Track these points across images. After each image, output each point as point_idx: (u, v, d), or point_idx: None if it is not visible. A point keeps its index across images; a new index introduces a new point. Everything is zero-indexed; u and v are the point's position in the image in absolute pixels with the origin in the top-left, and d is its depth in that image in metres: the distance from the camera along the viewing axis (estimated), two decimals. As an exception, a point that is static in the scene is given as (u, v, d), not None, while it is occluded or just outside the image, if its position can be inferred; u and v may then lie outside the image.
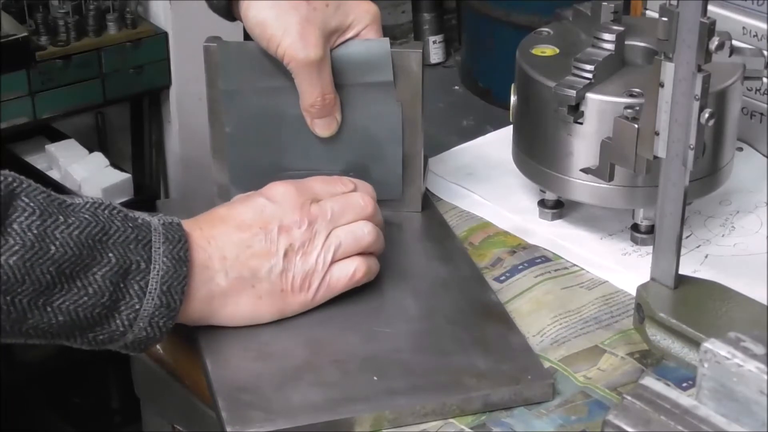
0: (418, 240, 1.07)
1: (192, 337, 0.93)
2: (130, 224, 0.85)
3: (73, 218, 0.82)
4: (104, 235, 0.83)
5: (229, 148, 1.06)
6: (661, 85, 0.89)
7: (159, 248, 0.85)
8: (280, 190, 0.93)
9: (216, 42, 1.03)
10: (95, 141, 1.97)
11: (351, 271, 0.93)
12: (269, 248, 0.91)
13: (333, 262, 0.93)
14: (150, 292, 0.84)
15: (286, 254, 0.91)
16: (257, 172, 1.06)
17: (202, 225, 0.91)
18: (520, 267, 1.04)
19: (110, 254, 0.83)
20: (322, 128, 1.04)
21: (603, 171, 0.99)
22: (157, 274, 0.85)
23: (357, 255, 0.94)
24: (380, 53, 1.02)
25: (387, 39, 1.02)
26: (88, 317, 0.83)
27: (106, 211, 0.85)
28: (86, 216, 0.83)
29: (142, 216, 0.87)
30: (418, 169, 1.07)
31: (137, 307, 0.84)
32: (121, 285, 0.83)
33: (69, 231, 0.82)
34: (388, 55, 1.02)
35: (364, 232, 0.94)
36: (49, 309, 0.81)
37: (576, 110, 1.01)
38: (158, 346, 0.97)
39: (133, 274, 0.84)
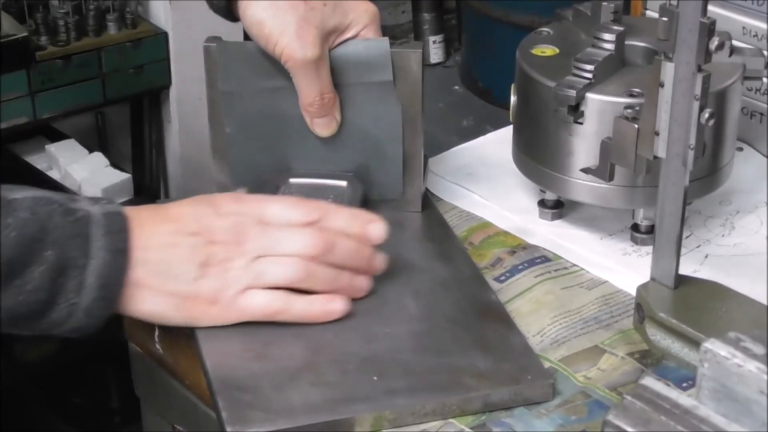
0: (418, 240, 1.07)
1: (192, 337, 0.93)
2: (70, 218, 0.86)
3: (11, 218, 0.83)
4: (42, 233, 0.84)
5: (229, 149, 1.06)
6: (661, 85, 0.89)
7: (98, 241, 0.86)
8: (229, 205, 0.92)
9: (216, 42, 1.03)
10: (95, 141, 1.97)
11: (264, 302, 0.91)
12: (190, 254, 0.89)
13: (252, 287, 0.90)
14: (87, 287, 0.85)
15: (205, 264, 0.89)
16: (258, 172, 1.06)
17: (143, 213, 0.90)
18: (520, 267, 1.04)
19: (48, 252, 0.84)
20: (322, 128, 1.04)
21: (603, 171, 0.99)
22: (95, 268, 0.85)
23: (283, 290, 0.91)
24: (380, 53, 1.02)
25: (386, 38, 1.02)
26: (27, 312, 0.85)
27: (45, 207, 0.85)
28: (25, 215, 0.84)
29: (83, 207, 0.87)
30: (418, 169, 1.07)
31: (75, 300, 0.85)
32: (59, 281, 0.85)
33: (7, 233, 0.83)
34: (387, 55, 1.02)
35: (284, 270, 0.90)
36: None
37: (576, 110, 1.01)
38: (158, 346, 0.97)
39: (71, 270, 0.85)
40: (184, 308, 0.90)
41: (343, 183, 1.05)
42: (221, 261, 0.90)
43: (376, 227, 0.94)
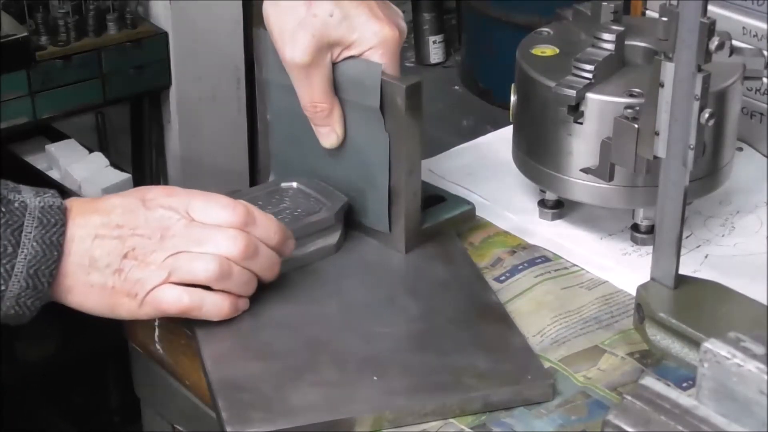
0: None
1: (192, 337, 0.93)
2: (3, 209, 0.86)
3: None
4: None
5: (269, 134, 1.07)
6: (661, 85, 0.89)
7: (30, 233, 0.87)
8: (158, 198, 0.92)
9: (262, 28, 1.03)
10: (95, 141, 1.97)
11: (175, 297, 0.90)
12: (115, 245, 0.90)
13: (167, 282, 0.90)
14: (16, 275, 0.86)
15: (125, 256, 0.90)
16: (292, 162, 1.06)
17: (80, 206, 0.91)
18: (520, 267, 1.04)
19: None
20: (322, 137, 1.02)
21: (603, 171, 0.99)
22: (24, 258, 0.86)
23: (195, 287, 0.91)
24: (371, 77, 0.98)
25: (380, 65, 0.98)
26: None
27: None
28: None
29: (22, 198, 0.88)
30: (406, 209, 1.01)
31: (2, 288, 0.86)
32: None
33: None
34: (377, 81, 0.98)
35: (202, 267, 0.90)
36: None
37: (576, 110, 1.01)
38: (158, 346, 0.97)
39: (0, 258, 0.86)
40: (105, 300, 0.90)
41: (328, 203, 1.02)
42: (142, 254, 0.90)
43: (291, 244, 0.96)
